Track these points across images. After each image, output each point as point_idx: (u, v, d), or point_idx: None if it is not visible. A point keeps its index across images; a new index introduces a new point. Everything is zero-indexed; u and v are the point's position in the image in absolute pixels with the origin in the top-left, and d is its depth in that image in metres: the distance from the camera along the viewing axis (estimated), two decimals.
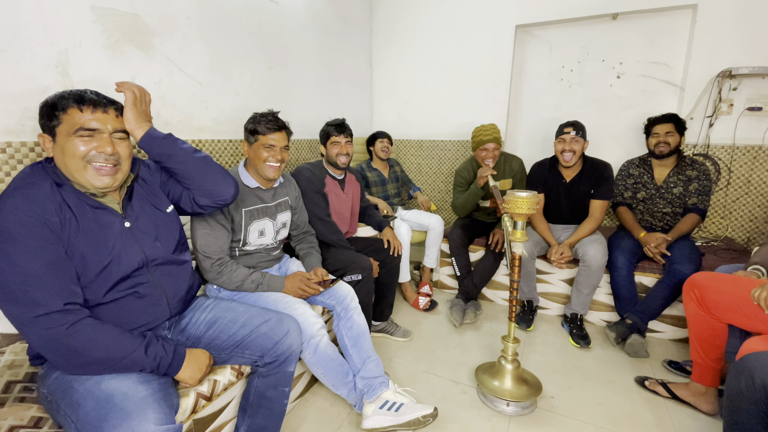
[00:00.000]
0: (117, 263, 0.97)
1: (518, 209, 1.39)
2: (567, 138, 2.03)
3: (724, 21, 2.23)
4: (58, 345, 0.83)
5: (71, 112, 0.91)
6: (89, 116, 0.92)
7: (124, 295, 0.99)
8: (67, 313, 0.84)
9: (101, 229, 0.96)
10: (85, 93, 0.93)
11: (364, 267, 1.73)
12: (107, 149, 0.93)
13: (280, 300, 1.41)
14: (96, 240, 0.95)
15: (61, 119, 0.91)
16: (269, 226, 1.54)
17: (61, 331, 0.82)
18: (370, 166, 2.65)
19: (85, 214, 0.95)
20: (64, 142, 0.91)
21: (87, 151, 0.92)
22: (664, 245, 1.94)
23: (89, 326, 0.86)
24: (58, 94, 0.93)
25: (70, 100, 0.91)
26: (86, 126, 0.91)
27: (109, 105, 0.96)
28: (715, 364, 1.44)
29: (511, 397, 1.49)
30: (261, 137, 1.43)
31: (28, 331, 0.82)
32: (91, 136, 0.92)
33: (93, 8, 1.37)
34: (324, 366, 1.41)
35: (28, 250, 0.83)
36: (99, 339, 0.86)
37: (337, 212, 1.96)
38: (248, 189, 1.48)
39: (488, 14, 2.83)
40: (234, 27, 1.97)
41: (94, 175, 0.94)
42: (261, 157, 1.43)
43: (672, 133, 2.02)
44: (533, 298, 2.24)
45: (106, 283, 0.96)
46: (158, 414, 0.81)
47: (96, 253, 0.94)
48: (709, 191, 2.01)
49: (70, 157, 0.91)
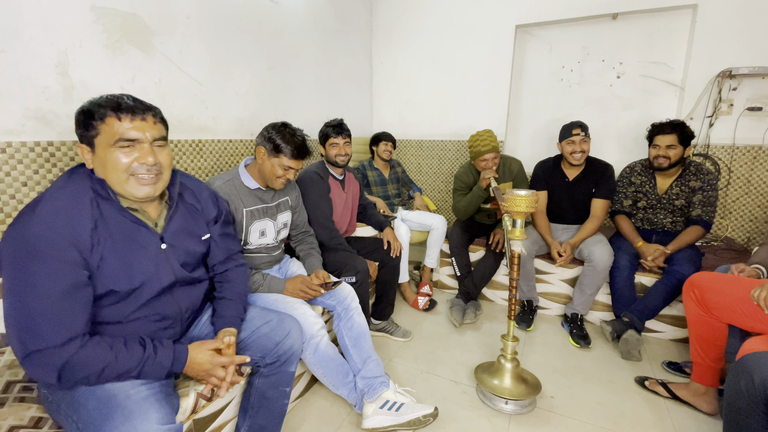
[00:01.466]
0: (149, 285, 0.96)
1: (517, 207, 1.40)
2: (576, 140, 2.02)
3: (724, 21, 2.23)
4: (51, 377, 0.80)
5: (109, 121, 0.87)
6: (128, 125, 0.88)
7: (145, 315, 0.98)
8: (63, 348, 0.80)
9: (137, 248, 0.94)
10: (122, 99, 0.89)
11: (359, 269, 1.73)
12: (149, 159, 0.90)
13: (280, 300, 1.42)
14: (129, 261, 0.92)
15: (100, 129, 0.87)
16: (270, 227, 1.54)
17: (55, 366, 0.79)
18: (371, 165, 2.65)
19: (123, 230, 0.92)
20: (105, 155, 0.88)
21: (129, 163, 0.89)
22: (662, 258, 1.90)
23: (84, 356, 0.81)
24: (94, 101, 0.88)
25: (108, 109, 0.87)
26: (126, 136, 0.88)
27: (147, 111, 0.92)
28: (715, 364, 1.44)
29: (511, 396, 1.49)
30: (284, 158, 1.41)
31: (23, 362, 0.80)
32: (131, 146, 0.89)
33: (93, 8, 1.37)
34: (324, 366, 1.41)
35: (50, 273, 0.80)
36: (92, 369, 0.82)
37: (339, 212, 1.96)
38: (248, 189, 1.47)
39: (488, 14, 2.83)
40: (234, 27, 1.97)
41: (135, 186, 0.91)
42: (276, 174, 1.43)
43: (674, 146, 1.87)
44: (533, 298, 2.25)
45: (134, 303, 0.95)
46: (160, 414, 0.81)
47: (128, 275, 0.92)
48: (715, 202, 1.89)
49: (112, 170, 0.88)
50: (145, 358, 0.88)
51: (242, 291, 1.21)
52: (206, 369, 0.97)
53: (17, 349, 0.80)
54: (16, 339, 0.80)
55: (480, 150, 2.11)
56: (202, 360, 0.97)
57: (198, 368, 0.97)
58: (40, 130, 1.27)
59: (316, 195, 1.81)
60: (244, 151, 2.08)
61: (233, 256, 1.24)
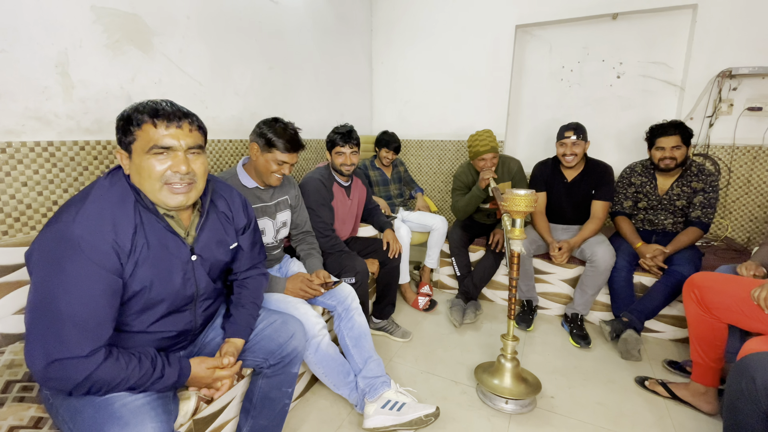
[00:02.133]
0: (173, 298, 0.96)
1: (516, 207, 1.40)
2: (568, 143, 2.04)
3: (724, 21, 2.23)
4: (66, 388, 0.79)
5: (146, 128, 0.86)
6: (163, 132, 0.87)
7: (165, 329, 0.98)
8: (88, 359, 0.78)
9: (168, 257, 0.93)
10: (160, 105, 0.88)
11: (358, 270, 1.73)
12: (182, 168, 0.89)
13: (281, 300, 1.42)
14: (161, 271, 0.92)
15: (137, 135, 0.86)
16: (269, 226, 1.54)
17: (75, 379, 0.77)
18: (373, 164, 2.64)
19: (158, 238, 0.92)
20: (140, 161, 0.87)
21: (163, 171, 0.88)
22: (662, 258, 1.90)
23: (103, 373, 0.80)
24: (134, 107, 0.88)
25: (145, 115, 0.86)
26: (160, 144, 0.86)
27: (184, 118, 0.90)
28: (715, 364, 1.44)
29: (511, 395, 1.49)
30: (277, 152, 1.41)
31: (44, 369, 0.76)
32: (165, 154, 0.88)
33: (93, 8, 1.37)
34: (325, 366, 1.41)
35: (89, 278, 0.79)
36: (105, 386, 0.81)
37: (341, 218, 1.95)
38: (247, 189, 1.47)
39: (488, 14, 2.83)
40: (234, 27, 1.97)
41: (167, 195, 0.90)
42: (270, 169, 1.43)
43: (679, 146, 1.87)
44: (533, 298, 2.25)
45: (155, 314, 0.94)
46: (156, 423, 0.81)
47: (158, 285, 0.91)
48: (715, 204, 1.89)
49: (146, 178, 0.88)
50: (153, 378, 0.87)
51: (259, 299, 1.21)
52: (206, 383, 1.01)
53: (39, 355, 0.76)
54: (40, 345, 0.76)
55: (479, 150, 2.11)
56: (203, 375, 0.98)
57: (198, 382, 0.99)
58: (40, 130, 1.27)
59: (317, 203, 1.79)
60: (244, 151, 2.08)
61: (257, 265, 1.24)
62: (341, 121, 2.72)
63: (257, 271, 1.23)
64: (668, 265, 1.90)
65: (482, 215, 2.45)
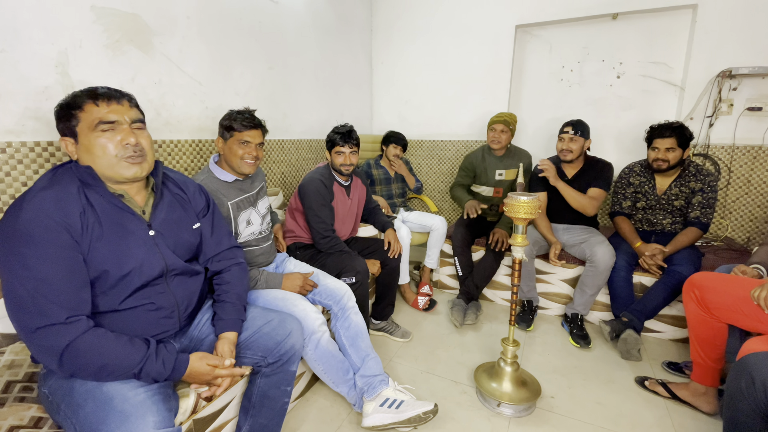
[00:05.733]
0: (138, 272, 0.96)
1: (517, 213, 1.39)
2: (565, 137, 2.06)
3: (724, 21, 2.23)
4: (54, 358, 0.82)
5: (87, 108, 0.90)
6: (106, 109, 0.91)
7: (140, 304, 0.98)
8: (69, 326, 0.82)
9: (125, 234, 0.95)
10: (97, 88, 0.93)
11: (358, 270, 1.72)
12: (131, 140, 0.93)
13: (280, 297, 1.41)
14: (119, 247, 0.93)
15: (80, 117, 0.90)
16: (254, 214, 1.53)
17: (60, 345, 0.81)
18: (378, 163, 2.64)
19: (110, 217, 0.93)
20: (88, 141, 0.91)
21: (115, 145, 0.92)
22: (661, 257, 1.90)
23: (87, 342, 0.83)
24: (70, 95, 0.92)
25: (84, 97, 0.91)
26: (105, 119, 0.91)
27: (122, 97, 0.96)
28: (715, 364, 1.44)
29: (510, 400, 1.48)
30: (236, 134, 1.40)
31: (28, 339, 0.82)
32: (112, 129, 0.92)
33: (93, 8, 1.37)
34: (325, 363, 1.41)
35: (45, 256, 0.82)
36: (95, 358, 0.83)
37: (341, 218, 1.94)
38: (227, 183, 1.45)
39: (488, 14, 2.83)
40: (234, 27, 1.97)
41: (124, 166, 0.94)
42: (237, 154, 1.41)
43: (673, 148, 1.87)
44: (533, 298, 2.25)
45: (124, 290, 0.95)
46: (157, 417, 0.81)
47: (118, 261, 0.93)
48: (714, 204, 1.89)
49: (99, 154, 0.91)
50: (147, 355, 0.89)
51: (241, 292, 1.21)
52: (206, 379, 1.02)
53: (22, 329, 0.81)
54: (17, 322, 0.82)
55: (492, 119, 2.33)
56: (203, 371, 1.00)
57: (198, 377, 1.00)
58: (40, 130, 1.27)
59: (318, 203, 1.78)
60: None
61: (227, 254, 1.23)
62: (341, 120, 2.72)
63: (230, 261, 1.24)
64: (668, 265, 1.90)
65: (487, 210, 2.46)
